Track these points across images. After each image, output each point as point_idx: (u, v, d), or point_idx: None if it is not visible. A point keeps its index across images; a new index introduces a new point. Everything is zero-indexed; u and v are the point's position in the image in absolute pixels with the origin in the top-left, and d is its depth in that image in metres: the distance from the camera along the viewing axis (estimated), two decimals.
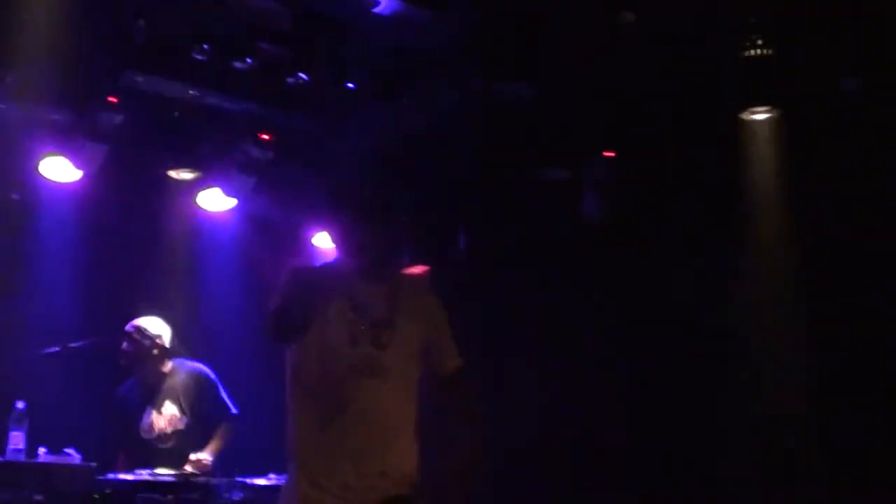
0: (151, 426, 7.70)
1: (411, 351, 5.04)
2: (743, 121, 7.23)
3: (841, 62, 6.78)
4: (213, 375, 7.99)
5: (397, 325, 5.00)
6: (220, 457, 7.64)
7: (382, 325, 4.99)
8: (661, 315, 8.07)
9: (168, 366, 7.88)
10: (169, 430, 7.72)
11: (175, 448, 7.65)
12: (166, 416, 7.73)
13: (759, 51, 6.46)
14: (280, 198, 9.11)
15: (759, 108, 7.06)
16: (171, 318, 7.93)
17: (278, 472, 7.12)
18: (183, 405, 7.77)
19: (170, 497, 6.49)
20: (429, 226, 9.33)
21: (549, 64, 6.67)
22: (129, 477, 6.58)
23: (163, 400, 7.78)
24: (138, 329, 7.73)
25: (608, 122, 7.69)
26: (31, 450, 6.55)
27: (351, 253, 4.96)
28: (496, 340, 8.75)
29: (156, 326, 7.80)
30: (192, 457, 7.39)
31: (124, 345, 7.70)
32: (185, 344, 8.06)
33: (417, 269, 5.13)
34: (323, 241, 9.58)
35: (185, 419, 7.74)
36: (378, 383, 4.92)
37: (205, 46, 6.79)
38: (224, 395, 7.95)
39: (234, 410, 7.96)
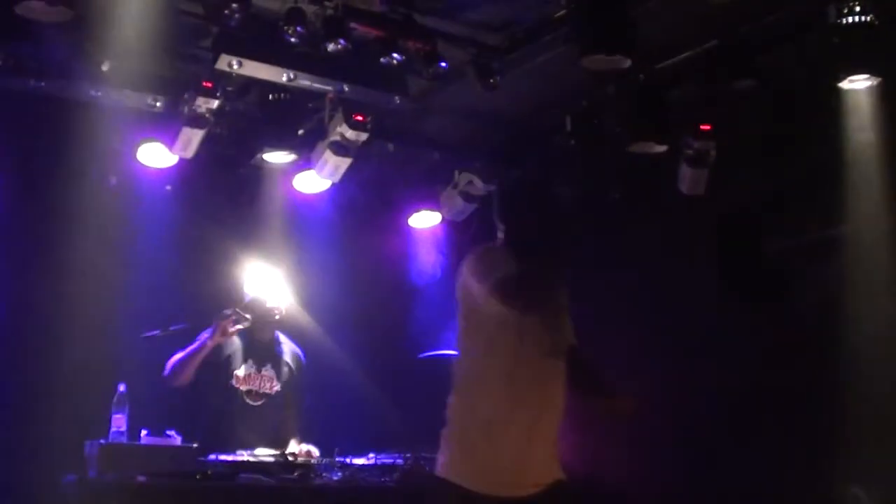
0: (247, 379, 7.83)
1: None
2: (842, 90, 7.09)
3: None
4: (305, 360, 8.22)
5: (565, 306, 5.31)
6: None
7: (563, 308, 5.30)
8: (757, 287, 7.99)
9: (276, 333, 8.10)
10: (262, 390, 7.84)
11: (260, 408, 7.87)
12: (265, 376, 7.87)
13: (857, 17, 6.34)
14: (375, 179, 9.12)
15: (859, 77, 6.92)
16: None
17: (377, 451, 7.15)
18: (281, 374, 7.90)
19: (271, 477, 6.53)
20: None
21: (640, 37, 6.58)
22: (230, 458, 6.62)
23: (266, 361, 7.97)
24: (264, 302, 7.94)
25: (706, 94, 7.59)
26: (133, 432, 6.61)
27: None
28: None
29: (283, 292, 8.04)
30: (304, 448, 7.49)
31: (251, 300, 7.91)
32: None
33: None
34: (419, 222, 9.58)
35: (277, 387, 7.86)
36: (559, 363, 5.19)
37: (298, 28, 6.78)
38: (306, 384, 8.15)
39: (306, 401, 8.08)
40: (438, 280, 9.73)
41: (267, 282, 8.04)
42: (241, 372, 7.84)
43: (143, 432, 6.64)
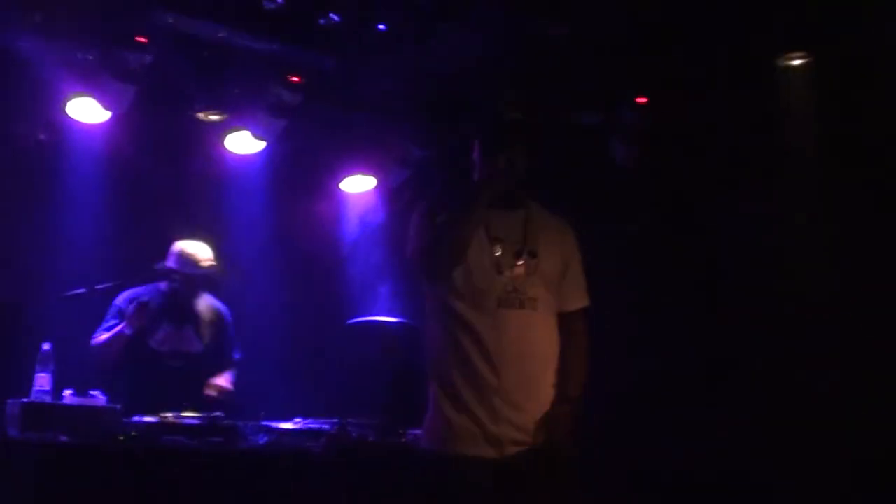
0: (166, 340, 7.80)
1: (553, 280, 5.00)
2: (778, 65, 7.11)
3: (881, 3, 6.66)
4: (230, 317, 8.16)
5: (538, 253, 4.95)
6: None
7: (525, 254, 4.95)
8: (688, 264, 8.02)
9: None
10: (182, 349, 7.79)
11: (182, 369, 7.85)
12: (185, 336, 7.82)
13: None
14: (309, 141, 9.05)
15: (795, 53, 6.95)
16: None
17: (304, 416, 7.11)
18: (201, 333, 7.88)
19: (195, 440, 6.46)
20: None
21: (581, 3, 6.57)
22: (154, 419, 6.55)
23: (185, 322, 7.92)
24: (194, 255, 7.85)
25: (641, 66, 7.59)
26: (56, 392, 6.51)
27: (490, 177, 4.89)
28: None
29: (209, 254, 7.92)
30: (213, 381, 7.72)
31: (174, 264, 7.83)
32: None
33: None
34: (351, 186, 9.53)
35: (199, 346, 7.84)
36: (528, 314, 4.88)
37: None
38: (234, 339, 8.11)
39: (238, 355, 8.06)
40: (370, 245, 9.71)
41: (196, 248, 7.94)
42: (160, 334, 7.79)
43: (67, 392, 6.54)
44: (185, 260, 7.83)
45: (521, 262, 4.90)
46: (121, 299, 7.76)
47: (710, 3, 6.94)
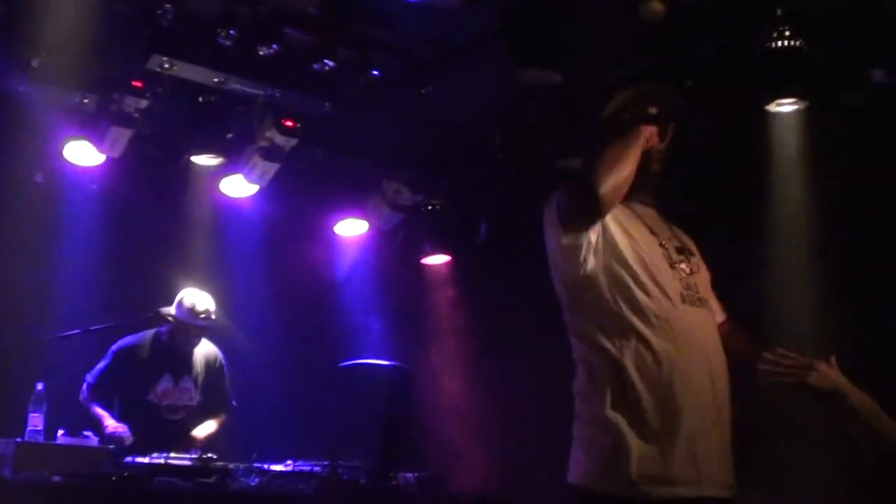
0: (165, 395, 7.85)
1: (708, 281, 4.51)
2: (769, 112, 7.16)
3: (871, 54, 6.72)
4: (225, 361, 8.20)
5: (695, 252, 4.53)
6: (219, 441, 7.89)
7: (686, 252, 4.49)
8: None
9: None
10: (181, 403, 7.83)
11: (181, 421, 7.93)
12: (183, 389, 7.85)
13: (787, 42, 6.40)
14: (304, 185, 9.10)
15: (786, 100, 6.99)
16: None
17: (295, 458, 7.13)
18: (199, 383, 7.91)
19: (187, 481, 6.48)
20: (452, 214, 9.34)
21: (574, 53, 6.62)
22: (146, 460, 6.57)
23: (183, 373, 7.99)
24: (194, 306, 7.89)
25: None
26: (49, 432, 6.55)
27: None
28: (514, 328, 8.79)
29: (209, 304, 7.96)
30: (196, 434, 7.82)
31: (177, 312, 7.88)
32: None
33: None
34: (345, 230, 9.59)
35: (197, 397, 7.87)
36: (705, 314, 4.34)
37: (231, 31, 6.76)
38: (230, 385, 8.11)
39: (233, 402, 8.12)
40: (362, 288, 9.76)
41: (197, 288, 8.02)
42: (159, 387, 7.86)
43: (60, 432, 6.58)
44: (187, 310, 7.87)
45: (685, 260, 4.42)
46: (122, 343, 7.81)
47: (703, 50, 7.00)
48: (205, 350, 8.08)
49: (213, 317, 7.93)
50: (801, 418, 6.75)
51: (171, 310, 7.88)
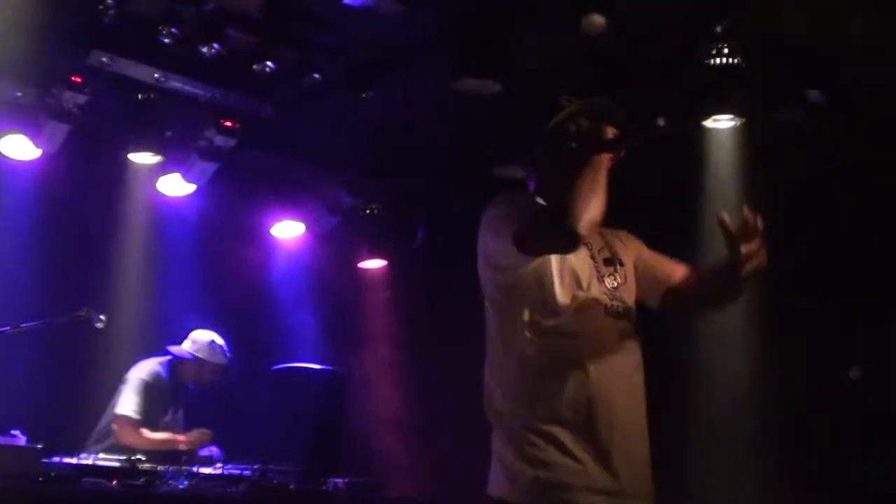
0: (168, 426, 8.17)
1: (633, 291, 4.45)
2: (706, 128, 7.20)
3: (808, 74, 6.79)
4: None
5: (624, 262, 4.46)
6: None
7: (616, 263, 4.43)
8: None
9: None
10: (177, 432, 8.19)
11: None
12: (178, 420, 8.32)
13: (725, 59, 6.43)
14: (241, 185, 9.07)
15: (723, 117, 7.04)
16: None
17: (224, 462, 7.11)
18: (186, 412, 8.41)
19: (114, 482, 6.44)
20: (389, 219, 9.33)
21: (516, 62, 6.63)
22: (74, 461, 6.52)
23: (180, 404, 8.40)
24: (223, 345, 8.41)
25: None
26: None
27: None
28: (449, 333, 8.78)
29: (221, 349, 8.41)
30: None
31: (206, 355, 8.31)
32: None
33: None
34: (282, 231, 9.56)
35: (185, 426, 8.34)
36: (626, 326, 4.31)
37: (173, 30, 6.73)
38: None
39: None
40: (297, 291, 9.73)
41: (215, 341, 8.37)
42: (172, 417, 8.27)
43: None
44: (217, 350, 8.32)
45: (613, 272, 4.38)
46: (147, 375, 8.07)
47: (641, 66, 7.04)
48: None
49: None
50: (724, 430, 6.85)
51: (203, 354, 8.29)
